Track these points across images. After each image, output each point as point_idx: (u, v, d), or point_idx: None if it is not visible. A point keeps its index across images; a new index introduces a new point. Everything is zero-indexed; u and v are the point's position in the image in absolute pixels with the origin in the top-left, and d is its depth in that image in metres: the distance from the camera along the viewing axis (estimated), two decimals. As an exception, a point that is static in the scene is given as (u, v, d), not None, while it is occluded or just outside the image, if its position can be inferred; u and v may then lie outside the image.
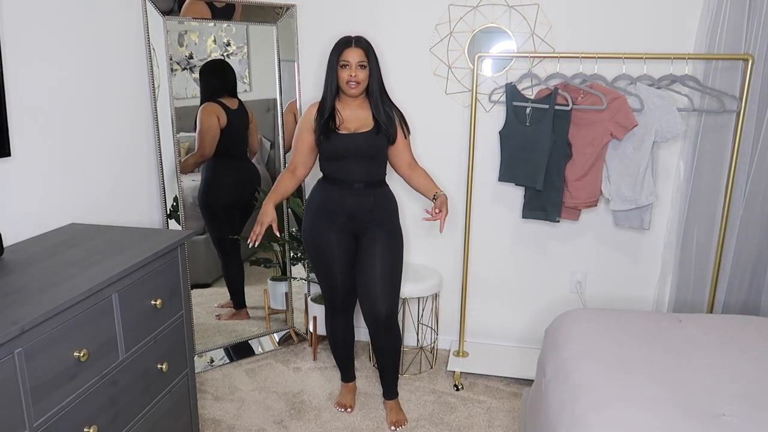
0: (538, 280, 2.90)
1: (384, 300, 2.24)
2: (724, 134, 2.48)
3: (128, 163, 2.38)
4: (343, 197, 2.23)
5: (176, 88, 2.57)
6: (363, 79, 2.15)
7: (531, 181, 2.55)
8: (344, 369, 2.56)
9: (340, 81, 2.16)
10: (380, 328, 2.29)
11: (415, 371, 2.83)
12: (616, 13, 2.55)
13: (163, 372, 1.79)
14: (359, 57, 2.13)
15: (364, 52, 2.14)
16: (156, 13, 2.44)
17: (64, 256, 1.64)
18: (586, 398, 1.54)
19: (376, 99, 2.20)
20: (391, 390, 2.45)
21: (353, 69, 2.13)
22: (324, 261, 2.31)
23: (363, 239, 2.27)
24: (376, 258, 2.23)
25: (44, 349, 1.30)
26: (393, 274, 2.27)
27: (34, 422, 1.28)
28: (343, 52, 2.13)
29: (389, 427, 2.38)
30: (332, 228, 2.26)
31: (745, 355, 1.75)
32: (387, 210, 2.29)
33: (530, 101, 2.53)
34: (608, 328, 1.92)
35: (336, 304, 2.41)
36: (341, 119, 2.19)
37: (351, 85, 2.14)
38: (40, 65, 1.87)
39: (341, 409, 2.49)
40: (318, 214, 2.29)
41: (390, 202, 2.31)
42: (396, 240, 2.29)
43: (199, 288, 2.90)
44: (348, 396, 2.54)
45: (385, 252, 2.24)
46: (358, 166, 2.20)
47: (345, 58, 2.13)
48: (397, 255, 2.29)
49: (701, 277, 2.63)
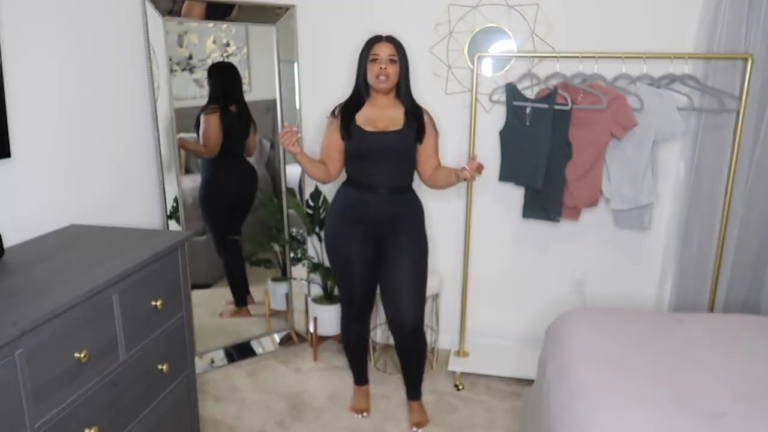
0: (538, 279, 2.90)
1: (410, 310, 2.20)
2: (724, 134, 2.48)
3: (128, 163, 2.38)
4: (367, 203, 2.19)
5: (176, 88, 2.57)
6: (393, 73, 2.13)
7: (531, 181, 2.55)
8: (358, 372, 2.54)
9: (369, 76, 2.15)
10: (406, 337, 2.26)
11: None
12: (616, 12, 2.55)
13: (163, 373, 1.79)
14: (389, 51, 2.12)
15: (394, 47, 2.13)
16: (155, 14, 2.44)
17: (64, 257, 1.64)
18: (587, 398, 1.55)
19: (406, 96, 2.18)
20: (415, 391, 2.43)
21: (383, 62, 2.11)
22: (345, 267, 2.28)
23: (387, 247, 2.22)
24: (402, 267, 2.19)
25: (45, 351, 1.30)
26: (419, 284, 2.22)
27: (35, 423, 1.28)
28: (374, 46, 2.13)
29: (411, 428, 2.38)
30: (355, 234, 2.22)
31: (745, 355, 1.75)
32: (413, 217, 2.24)
33: (530, 101, 2.53)
34: (608, 328, 1.92)
35: (354, 310, 2.37)
36: (366, 117, 2.17)
37: (381, 79, 2.11)
38: (39, 66, 1.87)
39: (357, 414, 2.46)
40: (341, 219, 2.25)
41: (416, 208, 2.25)
42: (421, 248, 2.25)
43: (199, 289, 2.90)
44: (362, 399, 2.52)
45: (410, 261, 2.20)
46: (385, 167, 2.16)
47: (375, 52, 2.12)
48: (422, 264, 2.24)
49: (701, 277, 2.63)
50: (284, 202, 2.98)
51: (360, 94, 2.20)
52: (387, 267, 2.23)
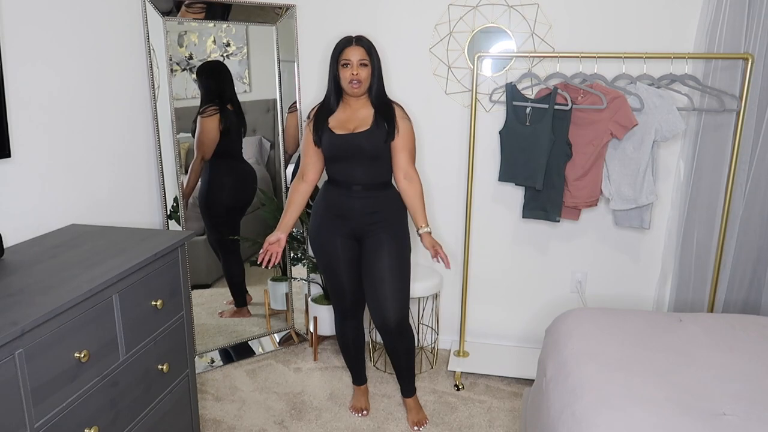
0: (538, 279, 2.90)
1: (392, 307, 2.20)
2: (724, 133, 2.48)
3: (128, 163, 2.38)
4: (343, 200, 2.20)
5: (176, 88, 2.57)
6: (365, 77, 2.11)
7: (531, 181, 2.55)
8: (356, 372, 2.53)
9: (342, 81, 2.13)
10: (391, 333, 2.26)
11: (415, 371, 2.82)
12: (616, 12, 2.55)
13: (163, 373, 1.79)
14: (360, 55, 2.10)
15: (365, 50, 2.11)
16: (156, 14, 2.44)
17: (64, 257, 1.64)
18: (587, 398, 1.54)
19: (377, 96, 2.16)
20: (408, 388, 2.43)
21: (355, 67, 2.09)
22: (330, 265, 2.29)
23: (366, 243, 2.22)
24: (382, 263, 2.18)
25: (45, 350, 1.30)
26: (400, 279, 2.22)
27: (35, 423, 1.28)
28: (344, 50, 2.10)
29: (411, 428, 2.37)
30: (336, 231, 2.23)
31: (745, 354, 1.74)
32: (391, 213, 2.23)
33: (530, 101, 2.53)
34: (609, 328, 1.92)
35: (345, 308, 2.37)
36: (338, 119, 2.16)
37: (353, 85, 2.10)
38: (40, 66, 1.87)
39: (357, 414, 2.46)
40: (322, 217, 2.26)
41: (394, 204, 2.24)
42: (401, 243, 2.23)
43: (199, 288, 2.90)
44: (362, 399, 2.52)
45: (390, 256, 2.19)
46: (359, 167, 2.16)
47: (346, 57, 2.10)
48: (403, 259, 2.23)
49: (701, 277, 2.63)
50: (284, 201, 2.98)
51: (331, 97, 2.19)
52: (367, 264, 2.22)
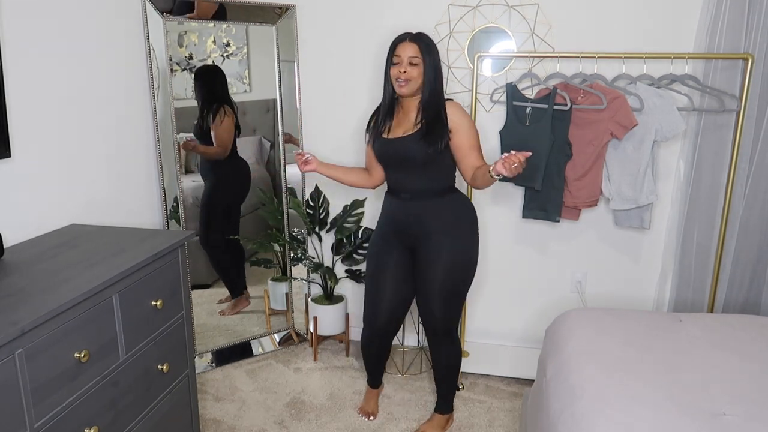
0: (538, 279, 2.90)
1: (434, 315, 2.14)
2: (724, 133, 2.48)
3: (128, 163, 2.38)
4: (394, 208, 2.12)
5: (176, 88, 2.57)
6: (414, 77, 1.97)
7: (530, 181, 2.55)
8: (373, 375, 2.50)
9: (391, 78, 2.02)
10: (436, 340, 2.22)
11: (415, 371, 2.83)
12: (616, 12, 2.55)
13: (163, 373, 1.79)
14: (412, 52, 1.96)
15: (418, 48, 1.96)
16: (156, 14, 2.44)
17: (64, 257, 1.64)
18: (587, 398, 1.54)
19: (429, 99, 2.01)
20: (440, 403, 2.36)
21: (403, 65, 1.97)
22: (374, 275, 2.21)
23: (420, 253, 2.11)
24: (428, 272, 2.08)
25: (45, 350, 1.30)
26: (449, 289, 2.10)
27: (35, 423, 1.28)
28: (397, 46, 1.99)
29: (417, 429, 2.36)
30: (390, 242, 2.16)
31: (745, 354, 1.75)
32: (447, 221, 2.08)
33: (530, 101, 2.53)
34: (609, 328, 1.92)
35: (374, 326, 2.26)
36: (395, 122, 2.08)
37: (399, 83, 1.98)
38: (40, 66, 1.87)
39: (364, 417, 2.43)
40: (378, 228, 2.22)
41: (451, 212, 2.09)
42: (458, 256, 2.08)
43: (199, 288, 2.90)
44: (372, 402, 2.49)
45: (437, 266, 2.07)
46: (406, 173, 2.06)
47: (397, 53, 1.99)
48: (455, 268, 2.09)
49: (701, 277, 2.63)
50: (284, 201, 2.98)
51: (388, 97, 2.09)
52: (419, 272, 2.14)
